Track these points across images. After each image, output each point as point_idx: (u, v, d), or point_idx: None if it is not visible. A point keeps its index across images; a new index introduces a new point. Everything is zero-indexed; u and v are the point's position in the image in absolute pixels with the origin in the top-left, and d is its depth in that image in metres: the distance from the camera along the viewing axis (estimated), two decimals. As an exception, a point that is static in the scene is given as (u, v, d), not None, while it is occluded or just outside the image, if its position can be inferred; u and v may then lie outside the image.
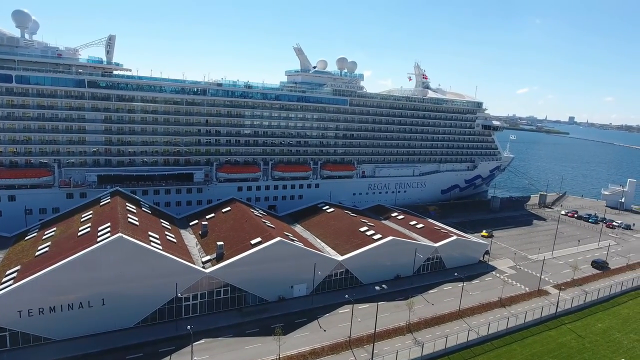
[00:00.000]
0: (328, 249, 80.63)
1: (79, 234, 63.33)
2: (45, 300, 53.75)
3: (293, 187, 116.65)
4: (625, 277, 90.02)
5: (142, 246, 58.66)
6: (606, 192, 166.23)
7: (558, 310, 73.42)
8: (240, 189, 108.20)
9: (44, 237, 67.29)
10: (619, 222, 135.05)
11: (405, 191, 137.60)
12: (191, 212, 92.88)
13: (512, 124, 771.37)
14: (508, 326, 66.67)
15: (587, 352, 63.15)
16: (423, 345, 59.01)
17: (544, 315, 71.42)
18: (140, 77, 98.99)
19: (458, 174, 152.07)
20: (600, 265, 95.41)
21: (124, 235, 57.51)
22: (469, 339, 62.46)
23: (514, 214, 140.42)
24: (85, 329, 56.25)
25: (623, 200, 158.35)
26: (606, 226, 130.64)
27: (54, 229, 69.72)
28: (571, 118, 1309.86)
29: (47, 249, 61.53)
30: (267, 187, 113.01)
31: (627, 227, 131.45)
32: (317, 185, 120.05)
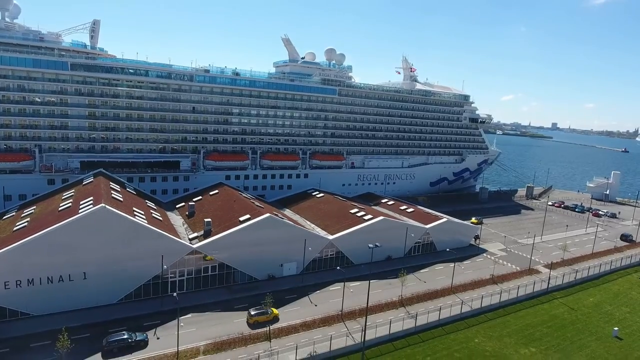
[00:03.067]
0: (318, 229, 79.19)
1: (60, 209, 60.93)
2: (22, 273, 51.28)
3: (282, 176, 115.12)
4: (613, 257, 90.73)
5: (126, 217, 56.60)
6: (591, 185, 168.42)
7: (550, 287, 73.22)
8: (228, 177, 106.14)
9: (22, 215, 64.62)
10: (605, 210, 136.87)
11: (394, 183, 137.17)
12: (178, 196, 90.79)
13: (497, 129, 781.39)
14: (501, 300, 66.16)
15: (580, 322, 62.83)
16: (417, 316, 57.97)
17: (536, 290, 71.16)
18: (125, 61, 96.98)
19: (446, 167, 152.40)
20: (628, 239, 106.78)
21: (106, 206, 55.41)
22: (462, 312, 61.62)
23: (502, 204, 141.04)
24: (65, 304, 53.72)
25: (608, 192, 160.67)
26: (592, 215, 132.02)
27: (34, 207, 67.14)
28: (554, 124, 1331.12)
29: (25, 224, 59.01)
30: (256, 177, 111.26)
31: (613, 216, 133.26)
32: (306, 175, 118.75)
